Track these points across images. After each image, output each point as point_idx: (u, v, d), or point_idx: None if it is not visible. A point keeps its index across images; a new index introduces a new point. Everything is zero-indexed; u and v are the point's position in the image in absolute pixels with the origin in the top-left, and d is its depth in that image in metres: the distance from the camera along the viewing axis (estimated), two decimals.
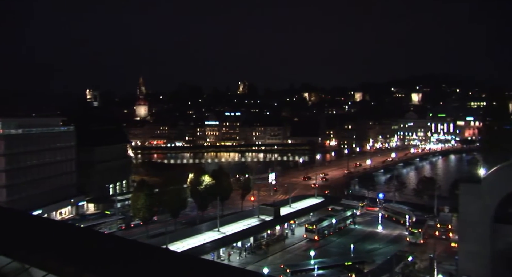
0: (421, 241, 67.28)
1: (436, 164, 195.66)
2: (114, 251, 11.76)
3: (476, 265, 47.67)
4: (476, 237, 47.96)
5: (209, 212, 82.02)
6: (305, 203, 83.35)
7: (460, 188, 51.37)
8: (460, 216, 51.15)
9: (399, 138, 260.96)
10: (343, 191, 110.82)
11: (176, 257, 12.12)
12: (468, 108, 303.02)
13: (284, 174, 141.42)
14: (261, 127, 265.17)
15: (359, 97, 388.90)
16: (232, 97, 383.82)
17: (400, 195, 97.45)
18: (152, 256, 10.98)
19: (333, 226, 74.06)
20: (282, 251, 65.85)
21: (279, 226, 71.90)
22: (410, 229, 69.93)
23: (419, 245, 65.86)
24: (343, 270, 54.02)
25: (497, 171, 48.81)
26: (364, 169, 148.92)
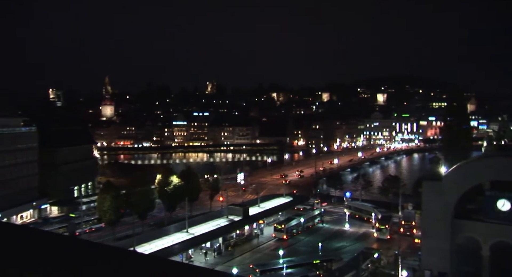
0: (388, 236, 69.42)
1: (400, 163, 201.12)
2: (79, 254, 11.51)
3: (437, 260, 49.39)
4: (437, 232, 49.67)
5: (178, 213, 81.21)
6: (274, 203, 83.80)
7: (423, 186, 53.06)
8: (423, 213, 52.80)
9: (365, 137, 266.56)
10: (311, 191, 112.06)
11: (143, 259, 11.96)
12: (430, 109, 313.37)
13: (252, 174, 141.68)
14: (229, 127, 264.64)
15: (326, 98, 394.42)
16: (200, 97, 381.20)
17: (366, 193, 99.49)
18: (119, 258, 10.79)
19: (301, 225, 74.80)
20: (251, 251, 65.99)
21: (248, 226, 72.02)
22: (377, 226, 71.81)
23: (385, 241, 67.51)
24: (311, 269, 54.65)
25: (457, 169, 50.75)
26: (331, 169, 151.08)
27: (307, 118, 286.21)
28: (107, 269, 4.67)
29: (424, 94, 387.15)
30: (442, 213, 49.60)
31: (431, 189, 51.56)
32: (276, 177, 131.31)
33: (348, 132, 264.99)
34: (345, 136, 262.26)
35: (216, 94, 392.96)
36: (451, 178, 50.29)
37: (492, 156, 50.30)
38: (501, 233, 47.51)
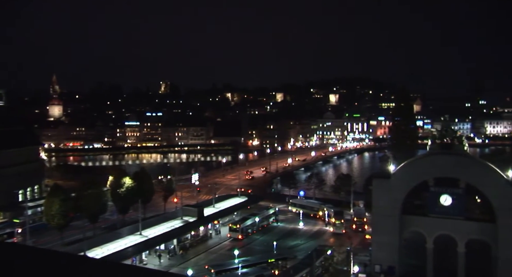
0: (343, 231, 72.24)
1: (352, 162, 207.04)
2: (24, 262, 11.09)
3: (386, 254, 51.49)
4: (386, 228, 51.75)
5: (131, 215, 79.38)
6: (229, 203, 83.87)
7: (372, 184, 54.98)
8: (373, 210, 54.75)
9: (318, 137, 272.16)
10: (265, 190, 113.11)
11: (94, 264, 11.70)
12: (379, 109, 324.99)
13: (207, 174, 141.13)
14: (183, 128, 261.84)
15: (280, 98, 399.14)
16: (153, 97, 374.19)
17: (319, 192, 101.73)
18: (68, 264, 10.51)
19: (256, 225, 75.33)
20: (206, 252, 65.72)
21: (203, 227, 71.66)
22: (333, 221, 74.46)
23: (338, 238, 69.36)
24: (266, 267, 55.17)
25: (404, 167, 53.05)
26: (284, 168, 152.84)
27: (261, 118, 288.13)
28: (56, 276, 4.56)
29: (373, 95, 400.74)
30: (391, 209, 51.71)
31: (380, 187, 53.58)
32: (231, 177, 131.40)
33: (301, 131, 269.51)
34: (299, 135, 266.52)
35: (170, 94, 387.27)
36: (399, 176, 52.50)
37: (435, 154, 52.89)
38: (443, 226, 50.22)
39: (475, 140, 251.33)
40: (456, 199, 50.01)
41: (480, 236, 49.20)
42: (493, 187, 47.85)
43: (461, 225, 49.67)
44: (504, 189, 47.12)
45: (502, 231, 46.74)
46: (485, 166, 50.09)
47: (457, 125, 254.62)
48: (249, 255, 59.79)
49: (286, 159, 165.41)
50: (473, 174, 49.28)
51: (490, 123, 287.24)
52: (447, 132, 55.14)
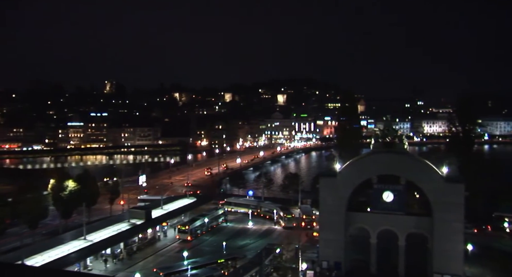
0: (294, 224, 75.04)
1: (300, 161, 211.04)
2: None
3: (333, 250, 53.01)
4: (333, 225, 53.29)
5: (74, 220, 76.26)
6: (178, 204, 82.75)
7: (319, 182, 56.34)
8: (320, 208, 56.09)
9: (266, 137, 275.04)
10: (214, 190, 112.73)
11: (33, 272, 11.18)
12: (326, 109, 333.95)
13: (155, 175, 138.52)
14: (130, 128, 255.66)
15: (229, 98, 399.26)
16: (98, 96, 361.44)
17: (268, 191, 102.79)
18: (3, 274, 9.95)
19: (205, 225, 74.95)
20: (155, 255, 64.47)
21: (151, 229, 70.24)
22: (285, 215, 77.18)
23: (286, 236, 70.35)
24: (216, 268, 55.02)
25: (349, 166, 54.85)
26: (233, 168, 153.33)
27: (210, 118, 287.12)
28: None
29: (320, 96, 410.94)
30: (337, 206, 53.30)
31: (327, 185, 55.03)
32: (179, 178, 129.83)
33: (250, 131, 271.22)
34: (248, 135, 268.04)
35: (115, 94, 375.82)
36: (344, 174, 54.21)
37: (378, 153, 55.11)
38: (386, 221, 52.50)
39: (414, 139, 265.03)
40: (397, 195, 52.40)
41: (419, 229, 51.90)
42: (429, 183, 50.65)
43: (402, 220, 52.14)
44: (439, 185, 50.00)
45: (437, 224, 49.63)
46: (423, 163, 52.88)
47: (397, 125, 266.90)
48: (198, 256, 59.34)
49: (235, 159, 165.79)
50: (412, 171, 51.88)
51: (427, 122, 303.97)
52: (388, 132, 57.61)
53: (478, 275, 50.32)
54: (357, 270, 53.91)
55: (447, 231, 49.11)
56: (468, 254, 54.81)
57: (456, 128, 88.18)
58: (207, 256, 59.56)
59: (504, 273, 45.68)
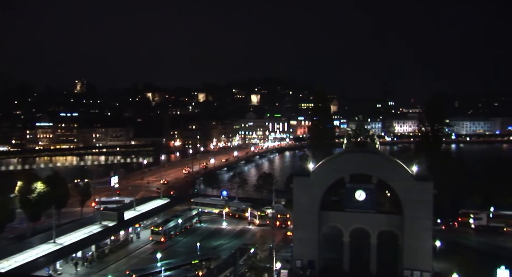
0: (267, 221, 77.59)
1: (273, 161, 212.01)
2: None
3: (307, 249, 53.55)
4: (306, 224, 53.81)
5: (43, 223, 74.36)
6: (151, 205, 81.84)
7: (293, 182, 56.80)
8: (294, 207, 56.51)
9: (240, 137, 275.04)
10: (188, 191, 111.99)
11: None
12: (299, 109, 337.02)
13: (128, 176, 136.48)
14: (102, 128, 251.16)
15: (202, 98, 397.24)
16: (68, 96, 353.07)
17: (242, 191, 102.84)
18: None
19: (179, 226, 74.43)
20: (127, 257, 63.54)
21: (124, 231, 69.17)
22: (258, 213, 78.64)
23: (261, 236, 70.56)
24: (190, 269, 54.76)
25: (322, 165, 55.49)
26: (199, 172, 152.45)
27: (183, 118, 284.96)
28: None
29: (293, 96, 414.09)
30: (311, 206, 53.84)
31: (300, 185, 55.50)
32: (152, 179, 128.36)
33: (224, 132, 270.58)
34: (221, 135, 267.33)
35: (86, 94, 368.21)
36: (318, 174, 54.81)
37: (350, 153, 55.98)
38: (358, 220, 53.43)
39: (385, 139, 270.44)
40: (369, 194, 53.36)
41: (390, 227, 53.06)
42: (400, 182, 51.84)
43: (373, 218, 53.17)
44: (409, 183, 51.25)
45: (407, 221, 50.89)
46: (394, 162, 54.05)
47: (369, 125, 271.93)
48: (172, 257, 58.88)
49: (209, 159, 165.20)
50: (384, 170, 52.95)
51: (398, 122, 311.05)
52: (361, 131, 58.62)
53: (445, 270, 51.83)
54: (331, 268, 54.63)
55: (416, 228, 50.39)
56: (437, 250, 56.40)
57: (425, 128, 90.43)
58: (181, 257, 59.19)
59: (469, 267, 47.35)
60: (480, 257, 51.75)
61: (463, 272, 47.52)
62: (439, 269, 53.06)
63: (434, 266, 52.67)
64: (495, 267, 44.39)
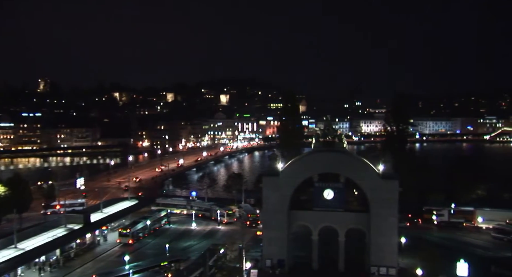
0: (235, 219, 79.47)
1: (243, 161, 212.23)
2: None
3: (276, 249, 53.96)
4: (276, 224, 54.20)
5: (4, 227, 71.66)
6: (118, 207, 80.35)
7: (262, 181, 57.08)
8: (263, 207, 56.78)
9: (209, 137, 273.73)
10: (157, 192, 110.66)
11: None
12: (268, 109, 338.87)
13: (94, 178, 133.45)
14: (66, 129, 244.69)
15: (171, 98, 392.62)
16: (30, 96, 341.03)
17: (212, 191, 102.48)
18: None
19: (147, 228, 73.45)
20: (94, 260, 62.11)
21: (90, 234, 67.59)
22: (226, 211, 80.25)
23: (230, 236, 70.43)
24: (159, 271, 54.09)
25: (291, 165, 56.04)
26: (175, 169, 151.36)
27: (151, 118, 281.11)
28: None
29: (262, 96, 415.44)
30: (280, 205, 54.27)
31: (270, 184, 55.83)
32: (120, 180, 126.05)
33: (193, 132, 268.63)
34: (190, 136, 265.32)
35: (50, 93, 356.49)
36: (287, 173, 55.30)
37: (318, 152, 56.74)
38: (326, 218, 54.31)
39: (352, 138, 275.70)
40: (337, 193, 54.30)
41: (357, 225, 54.21)
42: (367, 180, 53.02)
43: (342, 217, 54.15)
44: (376, 182, 52.50)
45: (374, 219, 52.14)
46: (361, 161, 55.23)
47: (337, 125, 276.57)
48: (140, 259, 58.01)
49: (178, 160, 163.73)
50: (351, 169, 54.00)
51: (364, 122, 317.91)
52: (329, 131, 59.53)
53: (410, 265, 53.42)
54: (300, 267, 55.26)
55: (382, 226, 51.68)
56: (402, 247, 58.04)
57: (390, 128, 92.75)
58: (150, 259, 58.44)
59: (432, 262, 49.05)
60: (442, 252, 53.58)
61: (426, 267, 49.14)
62: (404, 265, 54.62)
63: (400, 262, 54.20)
64: (455, 261, 46.12)
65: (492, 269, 52.93)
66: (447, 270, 48.89)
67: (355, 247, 55.27)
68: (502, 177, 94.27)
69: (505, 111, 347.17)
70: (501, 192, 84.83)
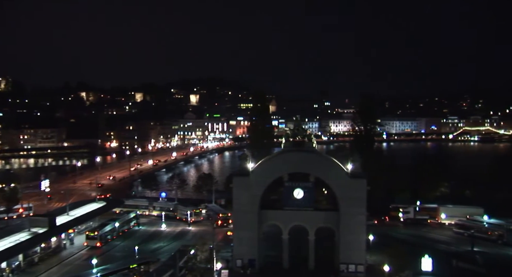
0: (201, 218, 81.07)
1: (213, 161, 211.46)
2: None
3: (247, 248, 54.16)
4: (247, 223, 54.39)
5: None
6: (86, 209, 78.35)
7: (232, 181, 57.13)
8: (234, 207, 56.84)
9: (179, 137, 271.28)
10: (126, 193, 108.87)
11: None
12: (238, 109, 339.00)
13: (60, 179, 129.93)
14: (30, 129, 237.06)
15: (140, 98, 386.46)
16: None
17: (182, 192, 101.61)
18: None
19: (116, 230, 72.20)
20: (60, 264, 60.48)
21: (56, 237, 65.73)
22: (193, 211, 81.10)
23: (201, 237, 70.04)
24: (128, 273, 53.28)
25: (261, 165, 56.35)
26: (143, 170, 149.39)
27: (120, 118, 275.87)
28: None
29: (232, 96, 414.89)
30: (250, 205, 54.48)
31: (240, 184, 55.95)
32: (87, 182, 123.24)
33: (162, 132, 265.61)
34: (160, 136, 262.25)
35: (12, 92, 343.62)
36: (257, 173, 55.58)
37: (288, 152, 57.26)
38: (297, 217, 54.91)
39: (322, 138, 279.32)
40: (307, 192, 55.01)
41: (327, 224, 55.05)
42: (336, 180, 53.95)
43: (311, 216, 54.89)
44: (344, 181, 53.49)
45: (343, 217, 53.11)
46: (330, 161, 56.13)
47: (307, 124, 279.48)
48: (109, 262, 56.96)
49: (147, 160, 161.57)
50: (321, 168, 54.83)
51: (333, 122, 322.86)
52: (298, 131, 60.13)
53: (378, 262, 54.70)
54: (271, 266, 55.62)
55: (351, 224, 52.70)
56: (370, 244, 59.35)
57: (358, 127, 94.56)
58: (118, 262, 57.47)
59: (399, 258, 50.45)
60: (408, 248, 55.13)
61: (393, 263, 50.45)
62: (372, 262, 55.87)
63: (368, 259, 55.38)
64: (420, 257, 47.61)
65: (454, 263, 55.00)
66: (413, 266, 50.42)
67: (325, 245, 56.10)
68: (463, 175, 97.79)
69: (466, 112, 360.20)
70: (463, 189, 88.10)
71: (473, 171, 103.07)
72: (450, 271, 53.20)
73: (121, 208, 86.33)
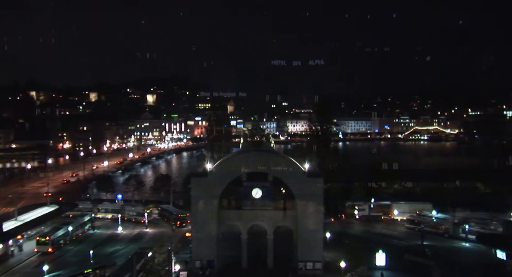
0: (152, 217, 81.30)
1: (171, 162, 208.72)
2: None
3: (206, 249, 53.99)
4: (205, 224, 54.20)
5: None
6: (36, 213, 75.07)
7: (191, 182, 56.74)
8: (192, 207, 56.48)
9: (136, 138, 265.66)
10: (80, 196, 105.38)
11: None
12: (196, 109, 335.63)
13: (8, 183, 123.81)
14: None
15: (94, 97, 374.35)
16: None
17: (139, 193, 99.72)
18: None
19: (69, 234, 69.79)
20: (7, 273, 57.55)
21: (2, 244, 62.54)
22: (144, 210, 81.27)
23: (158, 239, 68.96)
24: None
25: (219, 165, 56.36)
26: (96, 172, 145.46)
27: (73, 119, 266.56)
28: None
29: (190, 96, 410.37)
30: (209, 205, 54.32)
31: (198, 185, 55.72)
32: (38, 185, 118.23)
33: (118, 133, 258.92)
34: (116, 137, 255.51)
35: None
36: (215, 174, 55.51)
37: (246, 152, 57.68)
38: (255, 217, 55.34)
39: (279, 138, 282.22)
40: (265, 191, 55.52)
41: (285, 223, 55.82)
42: (293, 179, 54.81)
43: (270, 215, 55.44)
44: (301, 180, 54.43)
45: (300, 216, 54.02)
46: (288, 160, 56.92)
47: (265, 125, 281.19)
48: (61, 268, 54.94)
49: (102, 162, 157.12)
50: (278, 168, 55.47)
51: (291, 122, 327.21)
52: (256, 131, 60.72)
53: (335, 259, 56.07)
54: (230, 266, 55.67)
55: (309, 222, 53.74)
56: (327, 241, 60.72)
57: (315, 127, 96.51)
58: (72, 268, 55.53)
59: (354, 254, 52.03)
60: (363, 244, 56.94)
61: (349, 259, 51.90)
62: (328, 259, 57.17)
63: (325, 256, 56.61)
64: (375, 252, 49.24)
65: (406, 257, 57.33)
66: (368, 261, 52.07)
67: (283, 244, 56.79)
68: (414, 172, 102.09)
69: (416, 112, 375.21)
70: (414, 187, 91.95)
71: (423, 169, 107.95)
72: (402, 265, 55.40)
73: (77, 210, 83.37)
